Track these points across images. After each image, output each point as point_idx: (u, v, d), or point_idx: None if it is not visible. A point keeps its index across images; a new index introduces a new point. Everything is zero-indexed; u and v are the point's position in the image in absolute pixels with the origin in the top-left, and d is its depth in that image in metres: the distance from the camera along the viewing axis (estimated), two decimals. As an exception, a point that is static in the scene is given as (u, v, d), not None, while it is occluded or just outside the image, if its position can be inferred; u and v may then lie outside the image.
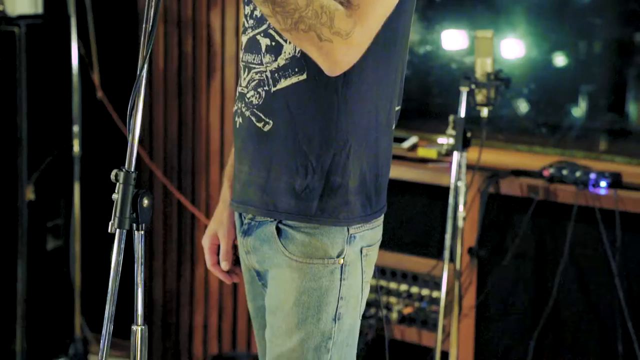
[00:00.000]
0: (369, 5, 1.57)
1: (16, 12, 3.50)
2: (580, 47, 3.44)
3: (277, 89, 1.72)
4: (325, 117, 1.70)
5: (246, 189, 1.80)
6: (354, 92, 1.70)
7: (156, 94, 3.85)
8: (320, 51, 1.57)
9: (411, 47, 3.64)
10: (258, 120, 1.75)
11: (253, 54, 1.76)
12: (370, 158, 1.75)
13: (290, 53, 1.70)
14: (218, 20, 3.69)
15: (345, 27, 1.55)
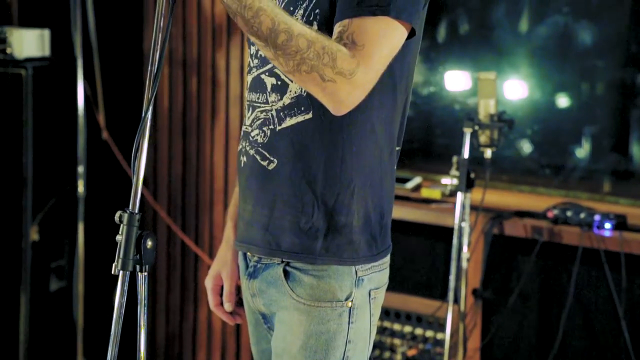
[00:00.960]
0: (374, 45, 1.58)
1: (23, 55, 3.54)
2: (583, 88, 3.45)
3: (282, 127, 1.72)
4: (330, 156, 1.70)
5: (249, 228, 1.80)
6: (359, 132, 1.70)
7: (161, 134, 3.87)
8: (324, 91, 1.58)
9: (414, 88, 3.65)
10: (262, 159, 1.75)
11: (258, 93, 1.77)
12: (374, 197, 1.75)
13: (296, 92, 1.71)
14: (223, 60, 3.72)
15: (348, 67, 1.56)
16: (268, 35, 1.54)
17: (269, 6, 1.54)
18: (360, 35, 1.58)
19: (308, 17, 1.67)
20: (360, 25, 1.58)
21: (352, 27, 1.58)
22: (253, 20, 1.54)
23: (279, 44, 1.54)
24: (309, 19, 1.66)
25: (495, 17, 3.55)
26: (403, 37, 1.63)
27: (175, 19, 3.76)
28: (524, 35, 3.51)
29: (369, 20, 1.58)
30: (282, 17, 1.55)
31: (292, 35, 1.54)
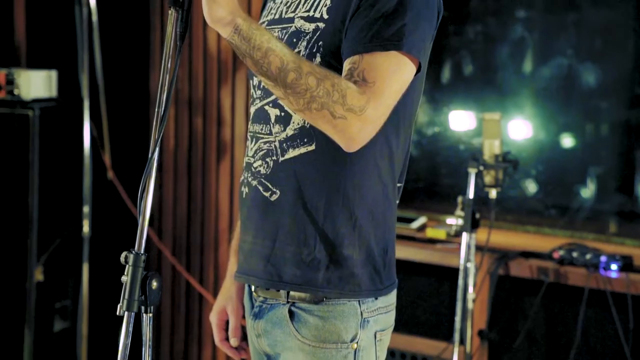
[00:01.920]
0: (384, 82, 1.59)
1: (31, 96, 3.56)
2: (587, 129, 3.46)
3: (285, 158, 1.73)
4: (333, 189, 1.70)
5: (250, 259, 1.80)
6: (362, 166, 1.71)
7: (166, 173, 3.88)
8: (335, 128, 1.58)
9: (419, 128, 3.67)
10: (265, 190, 1.75)
11: (261, 124, 1.77)
12: (377, 231, 1.74)
13: (299, 123, 1.71)
14: (228, 99, 3.74)
15: (358, 104, 1.56)
16: (277, 74, 1.55)
17: (277, 46, 1.55)
18: (371, 72, 1.58)
19: (311, 49, 1.67)
20: (370, 61, 1.59)
21: (362, 64, 1.59)
22: (262, 60, 1.55)
23: (289, 83, 1.55)
24: (312, 51, 1.67)
25: (499, 59, 3.57)
26: (412, 72, 1.65)
27: (182, 59, 3.79)
28: (528, 77, 3.53)
29: (380, 56, 1.59)
30: (291, 56, 1.55)
31: (301, 74, 1.54)
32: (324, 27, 1.66)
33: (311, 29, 1.68)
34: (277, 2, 1.81)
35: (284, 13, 1.76)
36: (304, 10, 1.71)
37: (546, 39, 3.48)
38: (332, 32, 1.65)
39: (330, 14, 1.66)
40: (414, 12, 1.61)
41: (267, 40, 1.54)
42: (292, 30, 1.71)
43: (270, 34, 1.56)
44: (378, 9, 1.60)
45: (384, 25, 1.59)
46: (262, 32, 1.55)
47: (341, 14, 1.65)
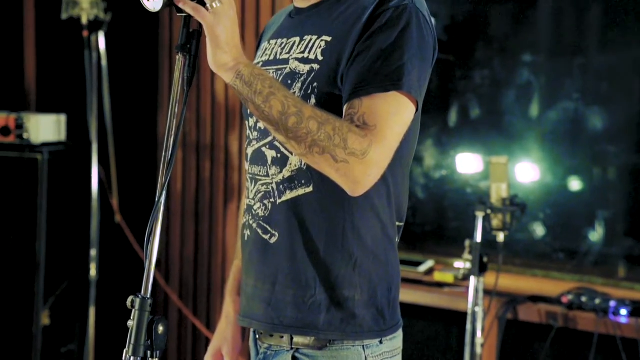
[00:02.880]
0: (386, 124, 1.59)
1: (40, 140, 3.58)
2: (595, 173, 3.46)
3: (283, 200, 1.72)
4: (331, 230, 1.70)
5: (251, 303, 1.79)
6: (360, 206, 1.70)
7: (173, 217, 3.88)
8: (338, 172, 1.58)
9: (426, 171, 3.67)
10: (264, 233, 1.75)
11: (259, 166, 1.77)
12: (379, 271, 1.73)
13: (296, 165, 1.71)
14: (236, 143, 3.75)
15: (360, 147, 1.56)
16: (279, 119, 1.56)
17: (279, 90, 1.56)
18: (372, 115, 1.59)
19: (306, 90, 1.68)
20: (370, 105, 1.59)
21: (362, 108, 1.59)
22: (264, 105, 1.56)
23: (290, 127, 1.56)
24: (306, 92, 1.67)
25: (506, 102, 3.59)
26: (412, 112, 1.65)
27: (190, 104, 3.81)
28: (535, 120, 3.54)
29: (380, 99, 1.59)
30: (292, 101, 1.56)
31: (302, 118, 1.55)
32: (318, 69, 1.67)
33: (306, 70, 1.69)
34: (272, 43, 1.82)
35: (278, 54, 1.77)
36: (299, 51, 1.72)
37: (552, 83, 3.50)
38: (326, 74, 1.66)
39: (325, 56, 1.67)
40: (411, 52, 1.61)
41: (269, 85, 1.56)
42: (287, 71, 1.72)
43: (272, 79, 1.58)
44: (375, 51, 1.61)
45: (382, 66, 1.60)
46: (264, 77, 1.56)
47: (336, 56, 1.65)
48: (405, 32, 1.61)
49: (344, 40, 1.65)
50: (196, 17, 1.51)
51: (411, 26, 1.62)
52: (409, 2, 1.64)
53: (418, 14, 1.64)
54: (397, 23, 1.61)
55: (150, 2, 1.50)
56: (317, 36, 1.70)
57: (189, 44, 1.54)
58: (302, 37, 1.74)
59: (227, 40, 1.53)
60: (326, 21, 1.71)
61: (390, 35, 1.61)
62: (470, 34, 3.65)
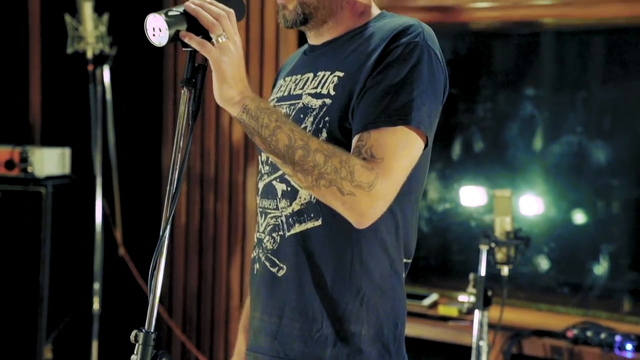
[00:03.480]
0: (393, 157, 1.59)
1: (44, 173, 3.59)
2: (599, 206, 3.45)
3: (291, 234, 1.73)
4: (339, 264, 1.70)
5: (258, 336, 1.78)
6: (368, 240, 1.70)
7: (177, 250, 3.88)
8: (345, 205, 1.58)
9: (430, 204, 3.67)
10: (272, 266, 1.75)
11: (269, 200, 1.78)
12: (386, 306, 1.73)
13: (305, 198, 1.71)
14: (240, 177, 3.76)
15: (366, 180, 1.57)
16: (285, 152, 1.57)
17: (285, 124, 1.57)
18: (379, 148, 1.59)
19: (317, 124, 1.69)
20: (378, 138, 1.60)
21: (370, 141, 1.60)
22: (270, 138, 1.56)
23: (297, 160, 1.56)
24: (318, 126, 1.69)
25: (509, 136, 3.59)
26: (421, 147, 1.65)
27: (194, 137, 3.82)
28: (538, 153, 3.54)
29: (388, 132, 1.60)
30: (299, 134, 1.57)
31: (309, 151, 1.56)
32: (330, 103, 1.68)
33: (318, 105, 1.70)
34: (287, 80, 1.84)
35: (292, 90, 1.79)
36: (312, 87, 1.74)
37: (556, 116, 3.50)
38: (338, 108, 1.67)
39: (337, 91, 1.68)
40: (421, 88, 1.62)
41: (275, 118, 1.57)
42: (300, 106, 1.73)
43: (278, 113, 1.59)
44: (385, 86, 1.62)
45: (392, 101, 1.60)
46: (270, 111, 1.57)
47: (348, 90, 1.67)
48: (415, 69, 1.62)
49: (355, 75, 1.67)
50: (202, 51, 1.52)
51: (422, 63, 1.63)
52: (421, 39, 1.65)
53: (429, 51, 1.65)
54: (407, 59, 1.63)
55: (155, 37, 1.51)
56: (330, 72, 1.72)
57: (194, 78, 1.55)
58: (315, 73, 1.76)
59: (233, 75, 1.54)
60: (339, 57, 1.73)
61: (401, 71, 1.62)
62: (474, 68, 3.67)
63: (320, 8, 1.75)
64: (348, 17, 1.77)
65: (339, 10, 1.76)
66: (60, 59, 3.86)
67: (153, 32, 1.51)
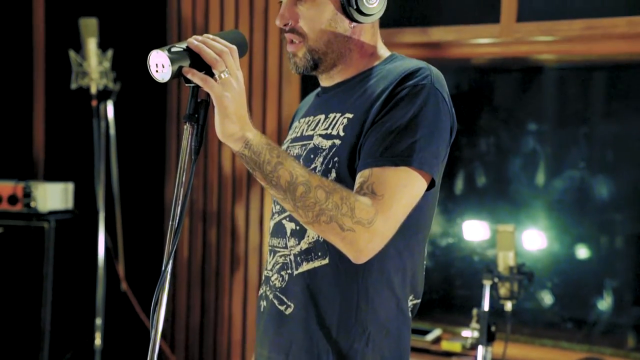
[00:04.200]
0: (394, 195, 1.60)
1: (47, 208, 3.60)
2: (602, 241, 3.45)
3: (299, 272, 1.73)
4: (345, 304, 1.70)
5: None
6: (375, 280, 1.70)
7: (179, 284, 3.87)
8: (344, 241, 1.59)
9: (433, 239, 3.67)
10: (280, 303, 1.75)
11: (279, 238, 1.79)
12: (391, 347, 1.72)
13: (313, 237, 1.72)
14: (242, 211, 3.76)
15: (366, 216, 1.57)
16: (287, 188, 1.57)
17: (287, 160, 1.58)
18: (380, 185, 1.60)
19: (327, 165, 1.70)
20: (380, 175, 1.61)
21: (372, 178, 1.61)
22: (272, 174, 1.57)
23: (298, 196, 1.57)
24: (327, 167, 1.70)
25: (512, 170, 3.60)
26: (423, 187, 1.66)
27: (197, 171, 3.83)
28: (541, 188, 3.54)
29: (390, 171, 1.61)
30: (300, 170, 1.58)
31: (310, 187, 1.57)
32: (340, 144, 1.70)
33: (328, 145, 1.72)
34: (301, 122, 1.87)
35: (304, 131, 1.81)
36: (323, 128, 1.76)
37: (558, 151, 3.51)
38: (347, 149, 1.69)
39: (347, 132, 1.70)
40: (426, 129, 1.63)
41: (277, 154, 1.58)
42: (311, 146, 1.75)
43: (280, 149, 1.60)
44: (390, 126, 1.63)
45: (395, 141, 1.62)
46: (271, 147, 1.58)
47: (357, 131, 1.68)
48: (420, 110, 1.64)
49: (364, 116, 1.68)
50: (204, 87, 1.53)
51: (427, 105, 1.65)
52: (428, 82, 1.67)
53: (436, 94, 1.67)
54: (414, 101, 1.64)
55: (159, 73, 1.52)
56: (340, 113, 1.74)
57: (196, 113, 1.55)
58: (327, 115, 1.78)
59: (235, 110, 1.55)
60: (350, 99, 1.75)
61: (407, 112, 1.64)
62: (476, 103, 3.68)
63: (329, 53, 1.77)
64: (357, 59, 1.80)
65: (348, 53, 1.79)
66: (64, 95, 3.88)
67: (156, 68, 1.52)
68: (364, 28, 1.79)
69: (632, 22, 3.04)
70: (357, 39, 1.78)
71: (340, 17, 1.76)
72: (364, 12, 1.75)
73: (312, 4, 1.75)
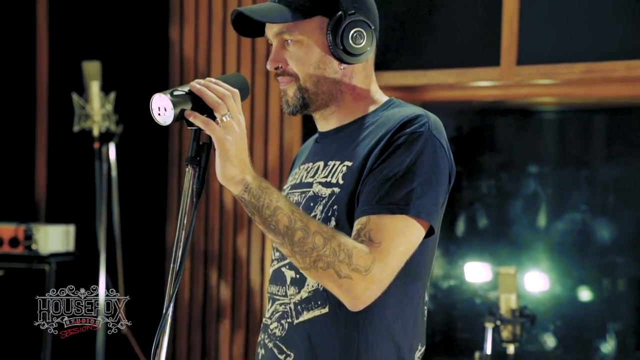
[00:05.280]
0: (391, 243, 1.60)
1: (48, 250, 3.59)
2: (604, 284, 3.44)
3: (300, 321, 1.71)
4: (345, 353, 1.68)
5: None
6: (375, 328, 1.68)
7: (180, 326, 3.85)
8: (341, 288, 1.58)
9: (435, 281, 3.66)
10: (280, 352, 1.74)
11: (278, 286, 1.77)
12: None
13: (313, 286, 1.71)
14: (244, 253, 3.75)
15: (363, 264, 1.57)
16: (285, 232, 1.57)
17: (285, 204, 1.58)
18: (377, 233, 1.60)
19: (327, 213, 1.69)
20: (377, 223, 1.60)
21: (369, 225, 1.61)
22: (270, 218, 1.57)
23: (296, 241, 1.57)
24: (327, 215, 1.69)
25: (513, 212, 3.60)
26: (421, 235, 1.65)
27: (198, 212, 3.83)
28: (543, 230, 3.54)
29: (387, 219, 1.61)
30: (299, 215, 1.58)
31: (308, 233, 1.56)
32: (339, 192, 1.69)
33: (327, 193, 1.71)
34: (301, 169, 1.85)
35: (304, 178, 1.80)
36: (322, 176, 1.75)
37: (559, 194, 3.52)
38: (347, 197, 1.68)
39: (346, 180, 1.69)
40: (424, 177, 1.63)
41: (276, 199, 1.58)
42: (310, 194, 1.74)
43: (279, 193, 1.60)
44: (388, 173, 1.63)
45: (392, 189, 1.61)
46: (270, 191, 1.58)
47: (355, 179, 1.68)
48: (418, 158, 1.64)
49: (362, 164, 1.68)
50: (206, 130, 1.53)
51: (425, 152, 1.64)
52: (426, 129, 1.66)
53: (434, 141, 1.66)
54: (411, 148, 1.64)
55: (161, 116, 1.53)
56: (339, 161, 1.73)
57: (198, 156, 1.55)
58: (326, 162, 1.77)
59: (236, 154, 1.55)
60: (349, 146, 1.74)
61: (404, 159, 1.63)
62: (477, 145, 3.70)
63: (319, 93, 1.75)
64: (350, 101, 1.78)
65: (340, 95, 1.77)
66: (66, 137, 3.90)
67: (158, 112, 1.53)
68: (355, 70, 1.77)
69: (630, 66, 3.06)
70: (348, 81, 1.77)
71: (328, 59, 1.74)
72: (351, 53, 1.73)
73: (300, 46, 1.74)
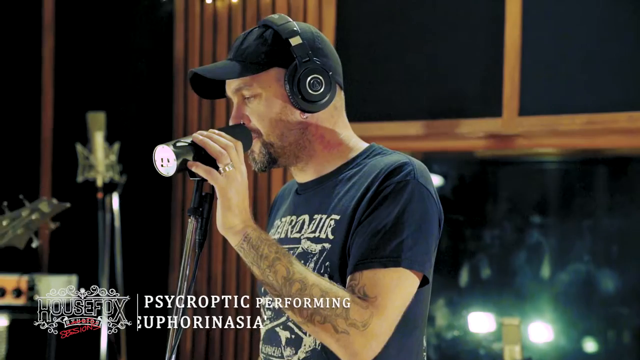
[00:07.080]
0: (387, 296, 1.58)
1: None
2: (609, 335, 3.41)
3: None
4: None
5: None
6: (375, 384, 1.66)
7: (182, 380, 3.82)
8: (338, 343, 1.56)
9: (438, 331, 3.63)
10: None
11: (273, 347, 1.74)
12: None
13: (310, 346, 1.68)
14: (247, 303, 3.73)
15: (361, 319, 1.55)
16: (283, 284, 1.56)
17: (284, 256, 1.57)
18: (372, 288, 1.57)
19: (319, 270, 1.66)
20: (370, 277, 1.58)
21: (363, 280, 1.58)
22: (269, 270, 1.56)
23: (293, 293, 1.55)
24: (320, 271, 1.66)
25: (517, 263, 3.59)
26: (415, 286, 1.63)
27: (201, 263, 3.82)
28: (546, 281, 3.53)
29: (380, 272, 1.58)
30: (297, 267, 1.57)
31: (306, 285, 1.55)
32: (330, 248, 1.66)
33: (317, 250, 1.68)
34: (283, 221, 1.81)
35: (289, 233, 1.76)
36: (310, 231, 1.72)
37: (562, 244, 3.51)
38: (338, 252, 1.65)
39: (335, 234, 1.66)
40: (413, 227, 1.61)
41: (275, 250, 1.57)
42: (300, 251, 1.70)
43: (278, 245, 1.59)
44: (376, 226, 1.61)
45: (382, 241, 1.59)
46: (270, 242, 1.57)
47: (344, 233, 1.65)
48: (406, 207, 1.61)
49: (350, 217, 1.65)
50: (209, 179, 1.53)
51: (413, 201, 1.62)
52: (412, 178, 1.64)
53: (420, 189, 1.64)
54: (397, 198, 1.62)
55: (164, 167, 1.53)
56: (326, 215, 1.70)
57: (201, 207, 1.55)
58: (312, 216, 1.73)
59: (238, 203, 1.55)
60: (334, 199, 1.71)
61: (392, 210, 1.61)
62: (480, 195, 3.70)
63: (285, 146, 1.71)
64: (321, 150, 1.73)
65: (308, 144, 1.72)
66: (70, 187, 3.91)
67: (161, 163, 1.53)
68: (320, 117, 1.72)
69: (632, 118, 3.08)
70: (315, 130, 1.71)
71: (290, 109, 1.69)
72: (311, 100, 1.67)
73: (260, 100, 1.69)
